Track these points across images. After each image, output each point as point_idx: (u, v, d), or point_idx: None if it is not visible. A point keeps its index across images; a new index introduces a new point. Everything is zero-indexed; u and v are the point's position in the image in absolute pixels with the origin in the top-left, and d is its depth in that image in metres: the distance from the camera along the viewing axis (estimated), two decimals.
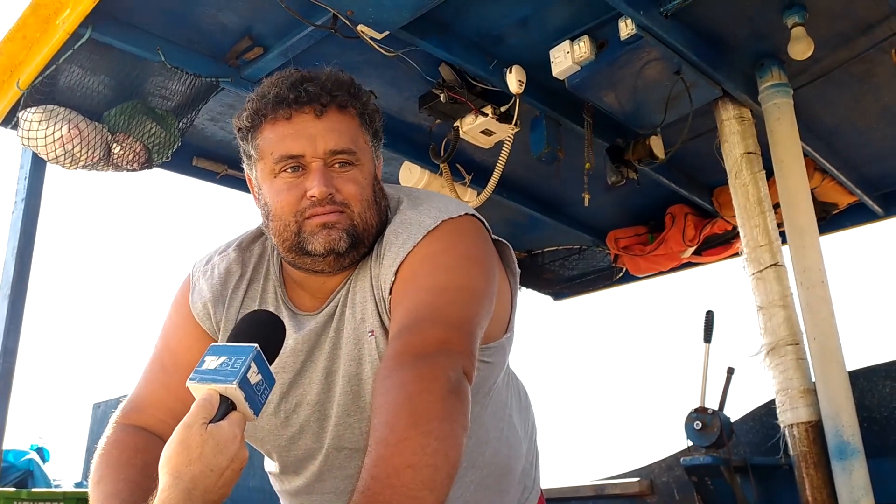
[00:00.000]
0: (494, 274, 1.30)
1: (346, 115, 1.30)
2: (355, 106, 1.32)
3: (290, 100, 1.26)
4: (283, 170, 1.27)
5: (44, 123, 2.70)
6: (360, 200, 1.28)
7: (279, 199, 1.28)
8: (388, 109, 3.25)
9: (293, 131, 1.26)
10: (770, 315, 2.80)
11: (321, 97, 1.26)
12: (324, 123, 1.27)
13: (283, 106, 1.26)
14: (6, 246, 2.90)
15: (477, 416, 1.38)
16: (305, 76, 1.29)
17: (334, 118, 1.28)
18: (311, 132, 1.26)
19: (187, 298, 1.41)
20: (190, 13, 2.61)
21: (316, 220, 1.26)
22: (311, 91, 1.26)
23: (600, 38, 2.69)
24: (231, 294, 1.38)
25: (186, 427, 0.93)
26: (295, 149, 1.26)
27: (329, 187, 1.25)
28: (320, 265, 1.30)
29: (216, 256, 1.43)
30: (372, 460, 0.94)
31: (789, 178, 2.92)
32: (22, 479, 6.95)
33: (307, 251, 1.27)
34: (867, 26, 2.79)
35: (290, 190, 1.27)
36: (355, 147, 1.29)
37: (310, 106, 1.26)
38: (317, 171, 1.25)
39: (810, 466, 2.64)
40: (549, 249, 4.71)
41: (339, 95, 1.28)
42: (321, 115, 1.27)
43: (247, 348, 1.00)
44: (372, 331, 1.28)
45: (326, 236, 1.25)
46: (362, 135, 1.32)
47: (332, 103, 1.28)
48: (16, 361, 2.80)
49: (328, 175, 1.26)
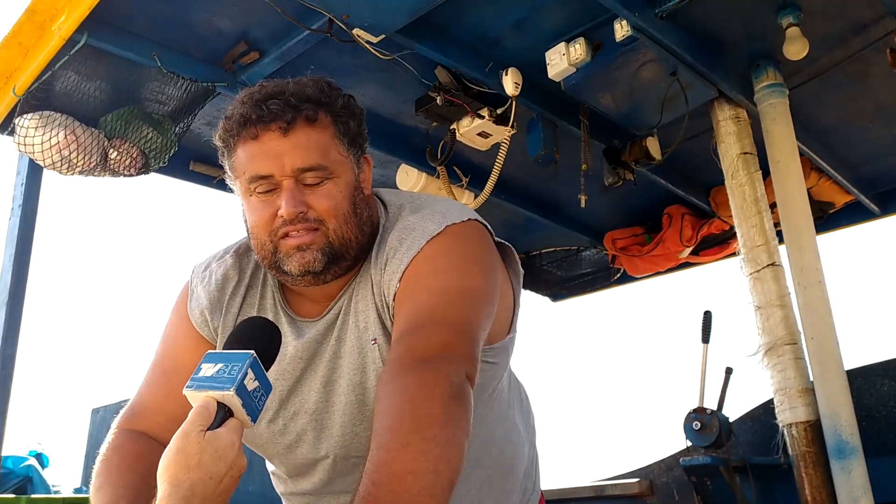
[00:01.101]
0: (496, 277, 1.30)
1: (315, 129, 1.25)
2: (329, 114, 1.28)
3: (254, 119, 1.23)
4: (255, 190, 1.26)
5: (40, 129, 2.70)
6: (334, 216, 1.25)
7: (254, 217, 1.27)
8: (385, 112, 3.25)
9: (260, 151, 1.24)
10: (768, 315, 2.80)
11: (285, 114, 1.23)
12: (291, 140, 1.23)
13: (248, 126, 1.24)
14: (3, 252, 2.90)
15: (482, 417, 1.39)
16: (271, 92, 1.25)
17: (302, 134, 1.24)
18: (278, 150, 1.23)
19: (186, 304, 1.41)
20: (185, 18, 2.61)
21: (290, 242, 1.25)
22: (274, 109, 1.23)
23: (596, 39, 2.69)
24: (228, 300, 1.38)
25: (184, 435, 0.93)
26: (263, 169, 1.23)
27: (298, 207, 1.23)
28: (300, 283, 1.29)
29: (214, 263, 1.43)
30: (373, 465, 0.94)
31: (786, 177, 2.93)
32: (21, 485, 6.93)
33: (284, 271, 1.27)
34: (862, 26, 2.80)
35: (263, 209, 1.25)
36: (326, 161, 1.25)
37: (275, 123, 1.23)
38: (287, 189, 1.23)
39: (809, 466, 2.65)
40: (547, 251, 4.72)
41: (306, 109, 1.24)
42: (287, 132, 1.23)
43: (243, 355, 1.00)
44: (375, 339, 1.27)
45: (300, 259, 1.24)
46: (336, 145, 1.28)
47: (297, 118, 1.24)
48: (14, 367, 2.79)
49: (298, 193, 1.24)
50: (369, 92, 3.09)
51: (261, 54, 2.76)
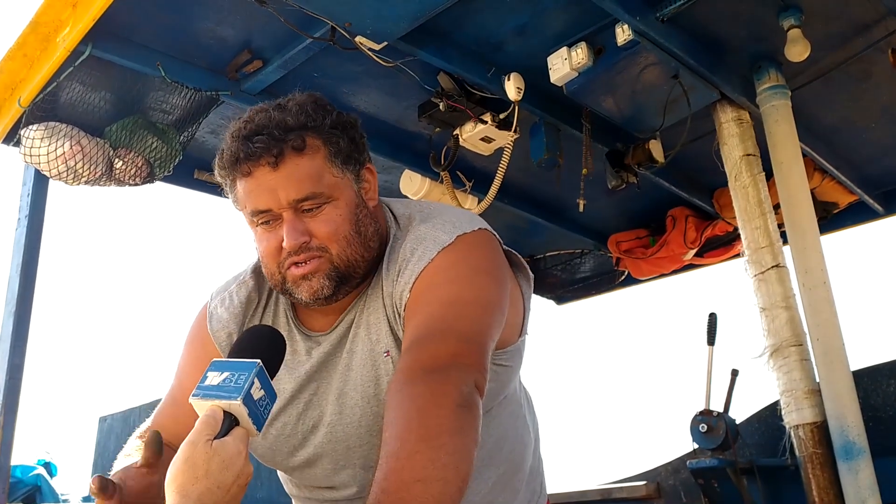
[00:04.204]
0: (506, 285, 1.30)
1: (304, 156, 1.25)
2: (318, 137, 1.27)
3: (243, 157, 1.24)
4: (258, 222, 1.28)
5: (46, 140, 2.72)
6: (336, 241, 1.26)
7: (261, 248, 1.30)
8: (388, 118, 3.26)
9: (255, 186, 1.25)
10: (773, 316, 2.80)
11: (271, 148, 1.22)
12: (282, 173, 1.23)
13: (239, 164, 1.25)
14: (10, 262, 2.91)
15: (496, 416, 1.40)
16: (255, 127, 1.24)
17: (291, 165, 1.23)
18: (272, 185, 1.23)
19: (205, 329, 1.42)
20: (189, 28, 2.63)
21: (296, 272, 1.26)
22: (258, 146, 1.22)
23: (597, 44, 2.70)
24: (249, 320, 1.40)
25: (191, 444, 0.93)
26: (261, 204, 1.25)
27: (300, 238, 1.24)
28: (312, 306, 1.32)
29: (234, 285, 1.44)
30: (382, 474, 0.94)
31: (789, 179, 2.93)
32: (30, 494, 6.95)
33: (296, 297, 1.29)
34: (863, 27, 2.80)
35: (268, 241, 1.27)
36: (321, 187, 1.25)
37: (264, 159, 1.23)
38: (287, 221, 1.24)
39: (816, 467, 2.64)
40: (552, 254, 4.72)
41: (292, 139, 1.23)
42: (276, 166, 1.23)
43: (249, 364, 1.00)
44: (388, 351, 1.28)
45: (308, 287, 1.26)
46: (328, 168, 1.27)
47: (285, 150, 1.23)
48: (22, 376, 2.81)
49: (299, 224, 1.25)
50: (372, 98, 3.10)
51: (264, 63, 2.77)
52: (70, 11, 2.40)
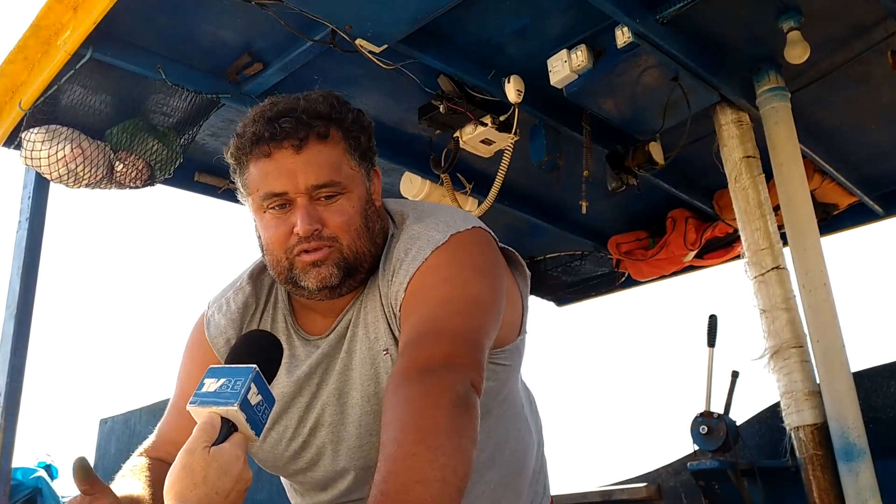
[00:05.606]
0: (502, 284, 1.30)
1: (327, 145, 1.26)
2: (339, 130, 1.29)
3: (267, 137, 1.24)
4: (269, 206, 1.27)
5: (46, 143, 2.72)
6: (348, 232, 1.27)
7: (268, 234, 1.29)
8: (388, 121, 3.26)
9: (273, 168, 1.25)
10: (773, 318, 2.80)
11: (298, 131, 1.24)
12: (304, 157, 1.24)
13: (261, 143, 1.25)
14: (11, 265, 2.91)
15: (498, 418, 1.40)
16: (282, 109, 1.26)
17: (314, 150, 1.25)
18: (292, 168, 1.24)
19: (203, 337, 1.42)
20: (189, 31, 2.63)
21: (306, 259, 1.26)
22: (286, 126, 1.23)
23: (597, 46, 2.70)
24: (247, 326, 1.40)
25: (189, 452, 0.93)
26: (277, 186, 1.24)
27: (314, 224, 1.24)
28: (316, 297, 1.31)
29: (231, 292, 1.44)
30: (381, 476, 0.94)
31: (789, 180, 2.93)
32: (31, 497, 6.94)
33: (301, 286, 1.29)
34: (863, 29, 2.80)
35: (278, 226, 1.27)
36: (339, 176, 1.27)
37: (288, 141, 1.24)
38: (301, 207, 1.24)
39: (817, 469, 2.64)
40: (552, 255, 4.72)
41: (318, 126, 1.25)
42: (300, 149, 1.24)
43: (246, 369, 1.00)
44: (387, 349, 1.28)
45: (317, 274, 1.26)
46: (347, 160, 1.29)
47: (310, 135, 1.25)
48: (23, 379, 2.81)
49: (313, 210, 1.25)
50: (372, 101, 3.11)
51: (264, 65, 2.77)
52: (71, 14, 2.40)
